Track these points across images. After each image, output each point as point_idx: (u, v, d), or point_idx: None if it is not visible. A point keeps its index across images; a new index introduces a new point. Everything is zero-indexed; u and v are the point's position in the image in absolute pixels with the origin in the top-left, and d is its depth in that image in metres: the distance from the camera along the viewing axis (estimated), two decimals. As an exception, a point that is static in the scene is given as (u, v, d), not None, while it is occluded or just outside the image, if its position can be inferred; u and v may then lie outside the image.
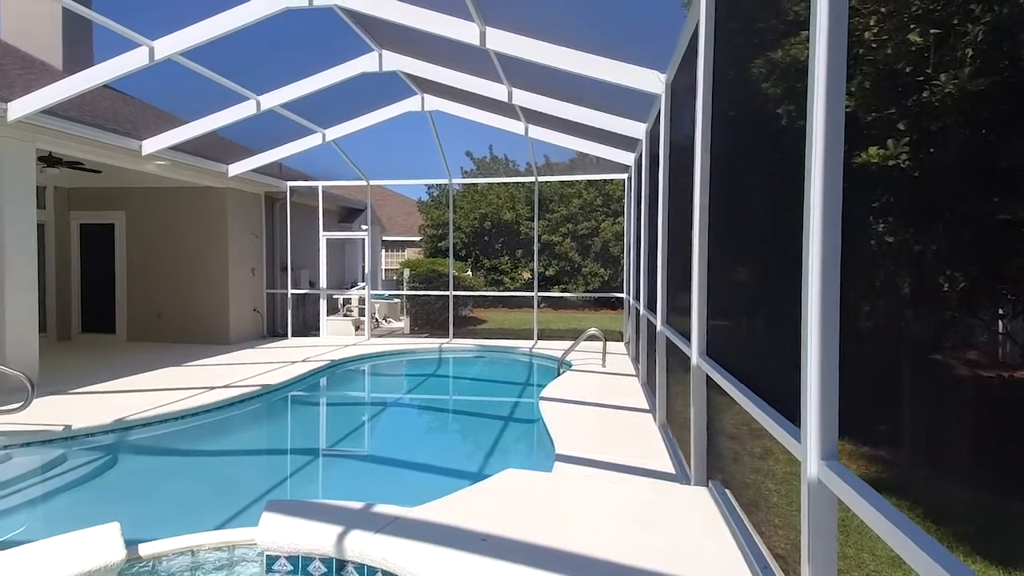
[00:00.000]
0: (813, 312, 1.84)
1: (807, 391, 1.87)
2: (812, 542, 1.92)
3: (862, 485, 1.67)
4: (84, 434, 5.17)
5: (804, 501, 1.95)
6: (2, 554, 2.48)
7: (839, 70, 1.87)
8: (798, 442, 1.98)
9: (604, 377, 7.24)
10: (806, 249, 1.88)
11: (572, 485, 3.52)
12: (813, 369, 1.84)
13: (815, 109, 1.88)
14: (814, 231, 1.85)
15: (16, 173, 6.76)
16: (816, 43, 1.92)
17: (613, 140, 8.37)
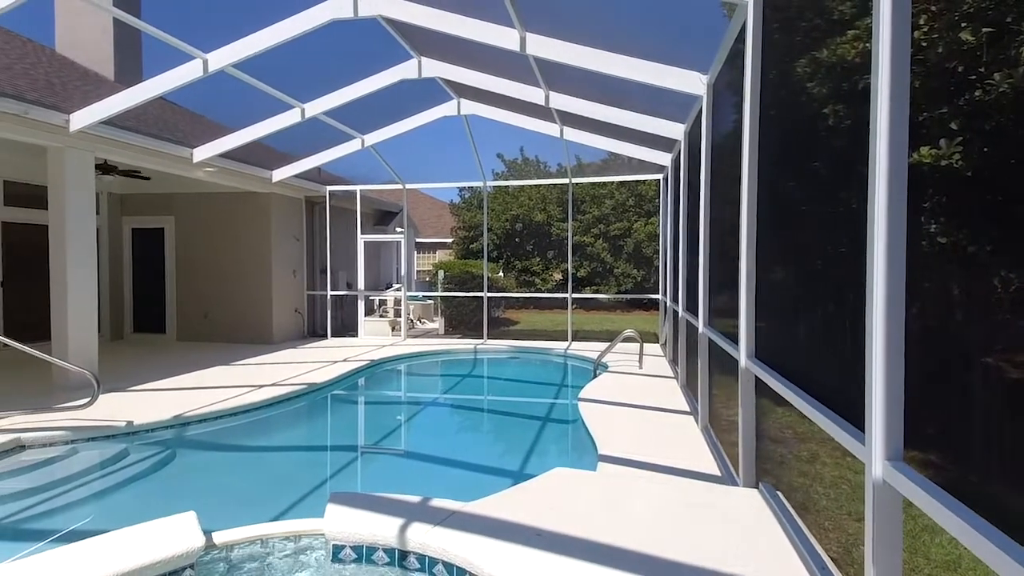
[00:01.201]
0: (878, 311, 1.86)
1: (872, 391, 1.89)
2: (877, 543, 1.94)
3: (931, 485, 1.68)
4: (145, 429, 5.42)
5: (868, 502, 1.97)
6: (93, 540, 2.66)
7: (903, 69, 1.88)
8: (861, 443, 1.99)
9: (642, 379, 7.23)
10: (870, 248, 1.90)
11: (621, 484, 3.56)
12: (878, 369, 1.86)
13: (879, 109, 1.89)
14: (878, 230, 1.86)
15: (77, 181, 7.12)
16: (879, 41, 1.92)
17: (648, 141, 8.36)
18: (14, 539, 3.66)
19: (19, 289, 9.61)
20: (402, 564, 2.71)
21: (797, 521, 2.92)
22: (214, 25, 7.27)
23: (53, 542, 3.56)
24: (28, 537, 3.70)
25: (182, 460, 5.21)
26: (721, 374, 5.26)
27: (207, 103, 9.42)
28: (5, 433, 4.87)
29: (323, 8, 5.93)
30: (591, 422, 5.17)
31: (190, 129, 9.78)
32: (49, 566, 2.46)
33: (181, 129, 9.53)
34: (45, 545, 3.51)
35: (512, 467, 5.13)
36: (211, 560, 2.74)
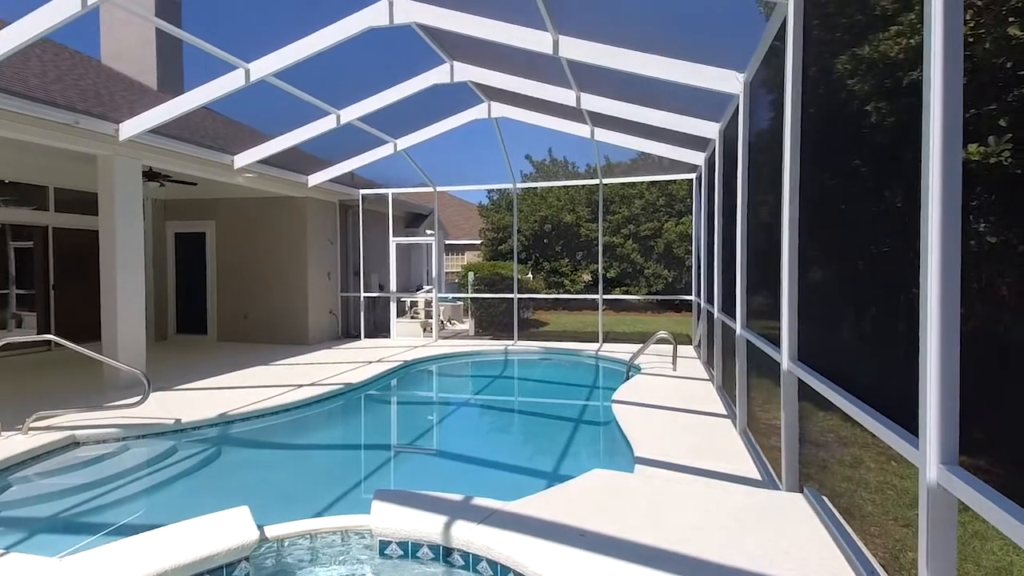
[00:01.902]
0: (932, 312, 1.83)
1: (926, 394, 1.86)
2: (931, 547, 1.91)
3: (988, 489, 1.66)
4: (192, 427, 5.62)
5: (923, 507, 1.94)
6: (154, 532, 2.79)
7: (956, 64, 1.85)
8: (915, 447, 1.97)
9: (676, 381, 7.18)
10: (924, 247, 1.87)
11: (661, 486, 3.56)
12: (932, 371, 1.83)
13: (931, 105, 1.86)
14: (932, 228, 1.84)
15: (125, 187, 7.42)
16: (931, 35, 1.89)
17: (681, 140, 8.30)
18: (71, 532, 3.85)
19: (69, 292, 10.05)
20: (447, 560, 2.77)
21: (844, 526, 2.88)
22: (254, 35, 7.46)
23: (107, 535, 3.74)
24: (84, 530, 3.88)
25: (227, 457, 5.39)
26: (758, 376, 5.19)
27: (246, 110, 9.69)
28: (61, 430, 5.10)
29: (360, 17, 6.05)
30: (626, 424, 5.16)
31: (230, 136, 10.08)
32: (115, 557, 2.59)
33: (222, 136, 9.84)
34: (100, 538, 3.69)
35: (546, 468, 5.16)
36: (264, 553, 2.84)
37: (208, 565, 2.55)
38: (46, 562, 2.56)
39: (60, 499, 4.35)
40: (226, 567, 2.61)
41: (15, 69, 6.84)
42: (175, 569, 2.45)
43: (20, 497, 4.36)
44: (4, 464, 4.39)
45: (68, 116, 6.45)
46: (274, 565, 2.84)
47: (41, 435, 4.93)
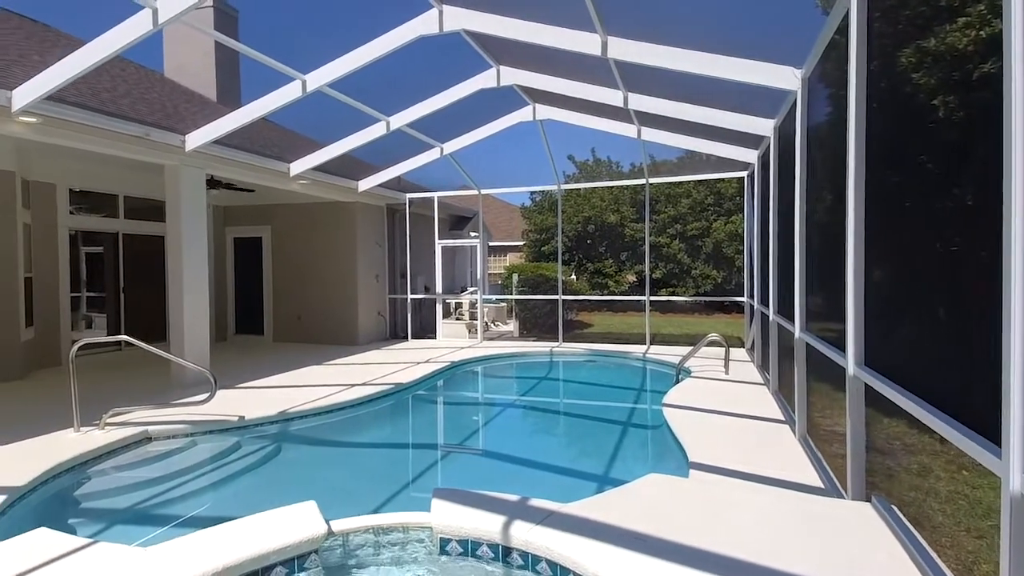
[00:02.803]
0: (1016, 314, 1.75)
1: (1010, 400, 1.78)
2: (1014, 560, 1.83)
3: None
4: (255, 424, 5.87)
5: (1005, 518, 1.86)
6: (229, 524, 2.94)
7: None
8: (996, 457, 1.89)
9: (729, 385, 7.03)
10: (1007, 246, 1.79)
11: (720, 492, 3.51)
12: (1017, 377, 1.76)
13: (1012, 99, 1.77)
14: (1016, 227, 1.75)
15: (191, 195, 7.81)
16: (1012, 27, 1.81)
17: (732, 137, 8.13)
18: (146, 523, 4.08)
19: (137, 294, 10.65)
20: (506, 560, 2.81)
21: (916, 536, 2.77)
22: (307, 47, 7.71)
23: (177, 526, 3.95)
24: (158, 521, 4.11)
25: (287, 454, 5.60)
26: (816, 381, 5.04)
27: (298, 119, 10.04)
28: (134, 426, 5.40)
29: (410, 26, 6.19)
30: (678, 428, 5.09)
31: (284, 144, 10.47)
32: (196, 547, 2.74)
33: (276, 144, 10.23)
34: (171, 529, 3.90)
35: (596, 471, 5.14)
36: (330, 546, 2.95)
37: (281, 556, 2.67)
38: (133, 551, 2.74)
39: (135, 491, 4.62)
40: (297, 559, 2.73)
41: (89, 84, 7.30)
42: (252, 559, 2.59)
43: (99, 489, 4.66)
44: (83, 458, 4.68)
45: (139, 129, 6.84)
46: (340, 558, 2.95)
47: (117, 431, 5.24)
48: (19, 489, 3.89)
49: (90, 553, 2.71)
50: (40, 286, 8.86)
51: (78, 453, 4.63)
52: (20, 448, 4.74)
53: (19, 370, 8.00)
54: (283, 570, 2.69)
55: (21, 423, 5.49)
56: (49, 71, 5.42)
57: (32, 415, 5.85)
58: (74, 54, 5.25)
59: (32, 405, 6.42)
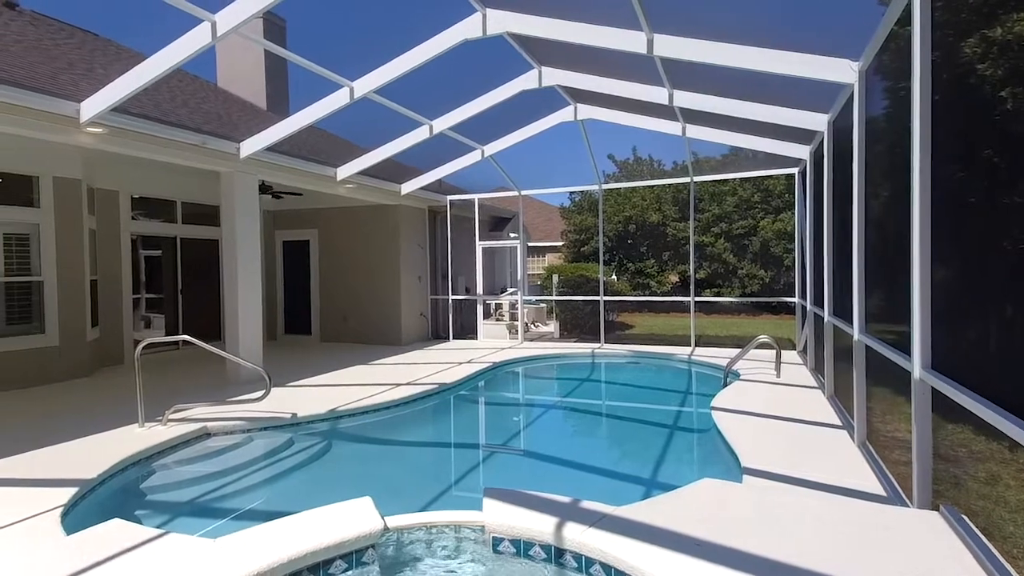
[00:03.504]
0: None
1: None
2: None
3: None
4: (306, 421, 6.04)
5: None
6: (290, 519, 3.04)
7: None
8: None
9: (780, 388, 6.83)
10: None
11: (775, 499, 3.41)
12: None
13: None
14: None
15: (245, 201, 8.10)
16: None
17: (782, 133, 7.90)
18: (207, 515, 4.25)
19: (194, 295, 11.11)
20: (559, 561, 2.81)
21: (990, 548, 2.63)
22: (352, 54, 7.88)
23: (235, 519, 4.10)
24: (218, 513, 4.28)
25: (337, 450, 5.74)
26: (875, 385, 4.85)
27: (344, 124, 10.24)
28: (195, 422, 5.64)
29: (454, 31, 6.26)
30: (729, 433, 4.98)
31: (329, 149, 10.74)
32: (261, 539, 2.85)
33: (323, 150, 10.50)
34: (229, 521, 4.05)
35: (643, 474, 5.08)
36: (386, 542, 3.01)
37: (341, 551, 2.75)
38: (202, 542, 2.86)
39: (196, 485, 4.83)
40: (356, 553, 2.80)
41: (149, 96, 7.65)
42: (314, 552, 2.67)
43: (163, 482, 4.88)
44: (148, 452, 4.91)
45: (196, 137, 7.15)
46: (395, 553, 3.01)
47: (178, 426, 5.48)
48: (90, 481, 4.11)
49: (162, 543, 2.85)
50: (104, 288, 9.35)
51: (143, 447, 4.86)
52: (90, 442, 5.02)
53: (86, 368, 8.46)
54: (343, 564, 2.76)
55: (90, 418, 5.80)
56: (114, 84, 5.72)
57: (99, 411, 6.18)
58: (138, 67, 5.53)
59: (99, 401, 6.78)
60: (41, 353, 7.94)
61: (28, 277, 7.94)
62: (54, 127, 5.80)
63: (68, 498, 3.72)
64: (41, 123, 5.69)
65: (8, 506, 3.57)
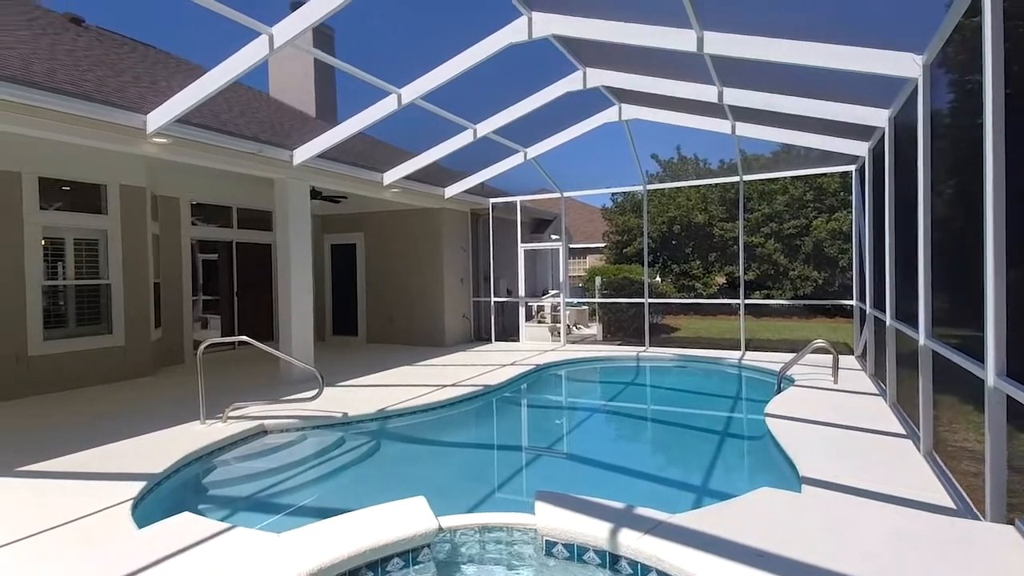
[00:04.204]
0: None
1: None
2: None
3: None
4: (356, 421, 6.18)
5: None
6: (346, 516, 3.12)
7: None
8: None
9: (838, 395, 6.57)
10: None
11: (838, 510, 3.29)
12: None
13: None
14: None
15: (297, 206, 8.37)
16: None
17: (837, 129, 7.62)
18: (265, 510, 4.40)
19: (248, 297, 11.53)
20: (614, 567, 2.79)
21: (1081, 571, 2.46)
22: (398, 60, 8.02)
23: (291, 514, 4.22)
24: (274, 509, 4.42)
25: (386, 450, 5.86)
26: (941, 392, 4.61)
27: (389, 130, 10.43)
28: (252, 420, 5.85)
29: (499, 36, 6.29)
30: (785, 440, 4.82)
31: (375, 155, 10.97)
32: (322, 536, 2.93)
33: (368, 155, 10.74)
34: (285, 516, 4.18)
35: (693, 481, 4.97)
36: (440, 542, 3.05)
37: (397, 549, 2.80)
38: (267, 536, 2.97)
39: (254, 480, 5.01)
40: (412, 552, 2.85)
41: (208, 106, 7.98)
42: (372, 550, 2.73)
43: (224, 477, 5.08)
44: (209, 448, 5.12)
45: (252, 146, 7.43)
46: (449, 553, 3.05)
47: (237, 424, 5.70)
48: (157, 475, 4.31)
49: (229, 537, 2.97)
50: (167, 290, 9.82)
51: (205, 444, 5.08)
52: (156, 438, 5.27)
53: (149, 367, 8.90)
54: (399, 562, 2.81)
55: (155, 415, 6.10)
56: (178, 96, 6.00)
57: (163, 408, 6.48)
58: (200, 80, 5.79)
59: (162, 399, 7.12)
60: (108, 353, 8.39)
61: (97, 280, 8.41)
62: (123, 138, 6.14)
63: (137, 491, 3.91)
64: (111, 134, 6.03)
65: (84, 498, 3.79)
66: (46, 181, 7.74)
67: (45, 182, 7.73)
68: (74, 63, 7.24)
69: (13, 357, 7.34)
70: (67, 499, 3.77)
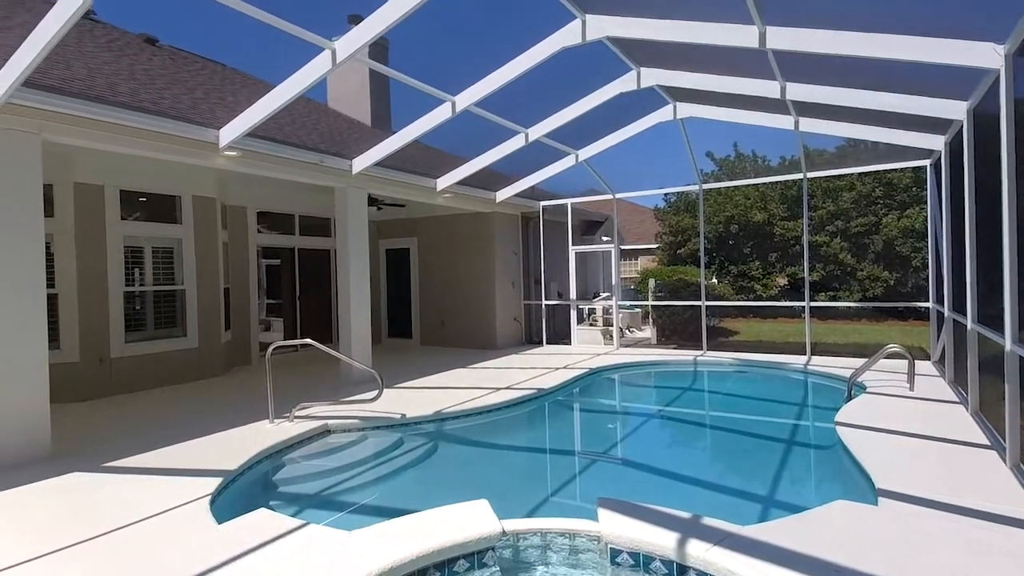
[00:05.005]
0: None
1: None
2: None
3: None
4: (414, 422, 6.31)
5: None
6: (413, 516, 3.19)
7: None
8: None
9: (915, 403, 6.21)
10: None
11: (919, 524, 3.11)
12: None
13: None
14: None
15: (356, 214, 8.63)
16: None
17: (908, 122, 7.22)
18: (331, 508, 4.54)
19: (309, 301, 11.98)
20: (681, 578, 2.73)
21: None
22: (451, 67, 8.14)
23: (354, 512, 4.34)
24: (339, 507, 4.56)
25: (443, 451, 5.95)
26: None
27: (441, 136, 10.58)
28: (317, 419, 6.06)
29: (552, 40, 6.29)
30: (858, 450, 4.60)
31: (428, 161, 11.17)
32: (391, 535, 3.01)
33: (421, 162, 10.96)
34: (348, 514, 4.30)
35: (759, 491, 4.80)
36: (502, 545, 3.08)
37: (463, 551, 2.85)
38: (339, 533, 3.08)
39: (320, 478, 5.19)
40: (477, 554, 2.89)
41: (273, 119, 8.32)
42: (439, 551, 2.79)
43: (292, 475, 5.29)
44: (279, 446, 5.34)
45: (315, 156, 7.72)
46: (512, 558, 3.07)
47: (303, 423, 5.92)
48: (232, 472, 4.54)
49: (304, 534, 3.10)
50: (236, 295, 10.32)
51: (275, 442, 5.31)
52: (229, 435, 5.55)
53: (220, 368, 9.37)
54: (465, 563, 2.86)
55: (226, 414, 6.42)
56: (248, 111, 6.31)
57: (234, 407, 6.81)
58: (269, 94, 6.06)
59: (232, 399, 7.48)
60: (183, 354, 8.90)
61: (173, 286, 8.93)
62: (198, 152, 6.50)
63: (215, 487, 4.13)
64: (187, 149, 6.39)
65: (167, 493, 4.04)
66: (126, 193, 8.29)
67: (125, 194, 8.27)
68: (150, 81, 7.72)
69: (98, 359, 7.89)
70: (152, 493, 4.02)
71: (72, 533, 3.36)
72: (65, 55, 6.50)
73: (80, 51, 7.14)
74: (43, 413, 5.09)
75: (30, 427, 4.99)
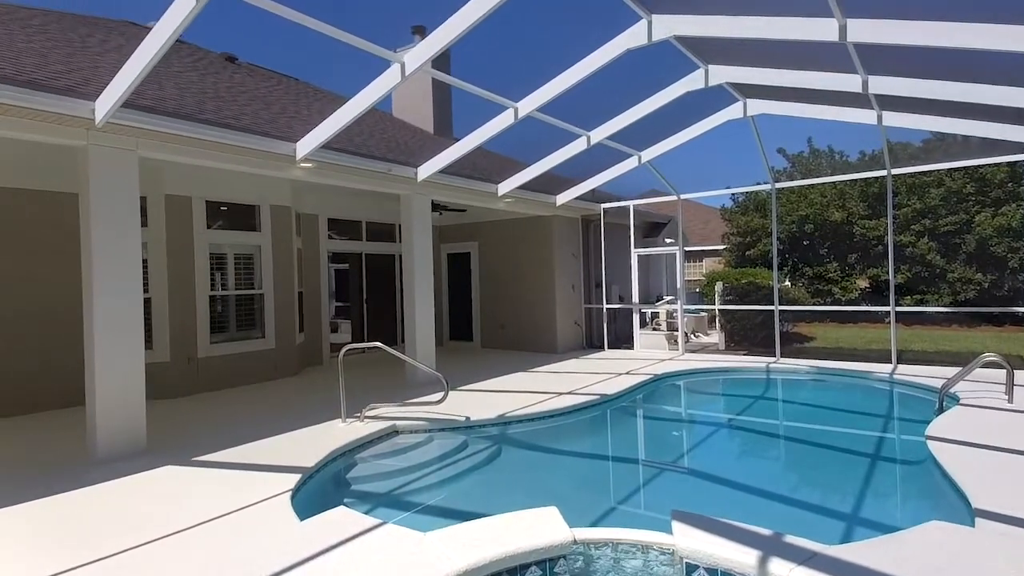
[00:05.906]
0: None
1: None
2: None
3: None
4: (478, 425, 6.38)
5: None
6: (482, 521, 3.23)
7: None
8: None
9: (1015, 416, 5.70)
10: None
11: (1022, 549, 2.85)
12: None
13: None
14: None
15: (421, 220, 8.85)
16: None
17: (1003, 115, 6.66)
18: (400, 507, 4.66)
19: (375, 305, 12.38)
20: (762, 598, 2.62)
21: None
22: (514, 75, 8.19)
23: (420, 512, 4.43)
24: (407, 506, 4.66)
25: (507, 455, 5.97)
26: None
27: (502, 141, 10.66)
28: (385, 420, 6.24)
29: (616, 42, 6.23)
30: (952, 467, 4.26)
31: (488, 166, 11.31)
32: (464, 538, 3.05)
33: (482, 167, 11.09)
34: (415, 513, 4.38)
35: (840, 509, 4.53)
36: (572, 554, 3.06)
37: (534, 557, 2.86)
38: (413, 534, 3.16)
39: (389, 477, 5.34)
40: (548, 561, 2.89)
41: (344, 131, 8.66)
42: (512, 556, 2.81)
43: (363, 473, 5.46)
44: (351, 445, 5.54)
45: (383, 165, 7.97)
46: (583, 567, 3.04)
47: (373, 423, 6.11)
48: (309, 469, 4.74)
49: (381, 533, 3.20)
50: (308, 299, 10.81)
51: (348, 441, 5.51)
52: (305, 434, 5.81)
53: (294, 368, 9.83)
54: (536, 570, 2.86)
55: (302, 413, 6.72)
56: (323, 124, 6.59)
57: (308, 406, 7.13)
58: (343, 107, 6.33)
59: (306, 398, 7.82)
60: (261, 355, 9.39)
61: (252, 291, 9.45)
62: (277, 164, 6.86)
63: (294, 483, 4.33)
64: (267, 161, 6.76)
65: (251, 487, 4.27)
66: (211, 204, 8.85)
67: (210, 204, 8.84)
68: (232, 98, 8.22)
69: (186, 358, 8.45)
70: (238, 487, 4.27)
71: (170, 524, 3.62)
72: (157, 76, 7.03)
73: (169, 72, 7.69)
74: (140, 410, 5.51)
75: (129, 423, 5.41)
